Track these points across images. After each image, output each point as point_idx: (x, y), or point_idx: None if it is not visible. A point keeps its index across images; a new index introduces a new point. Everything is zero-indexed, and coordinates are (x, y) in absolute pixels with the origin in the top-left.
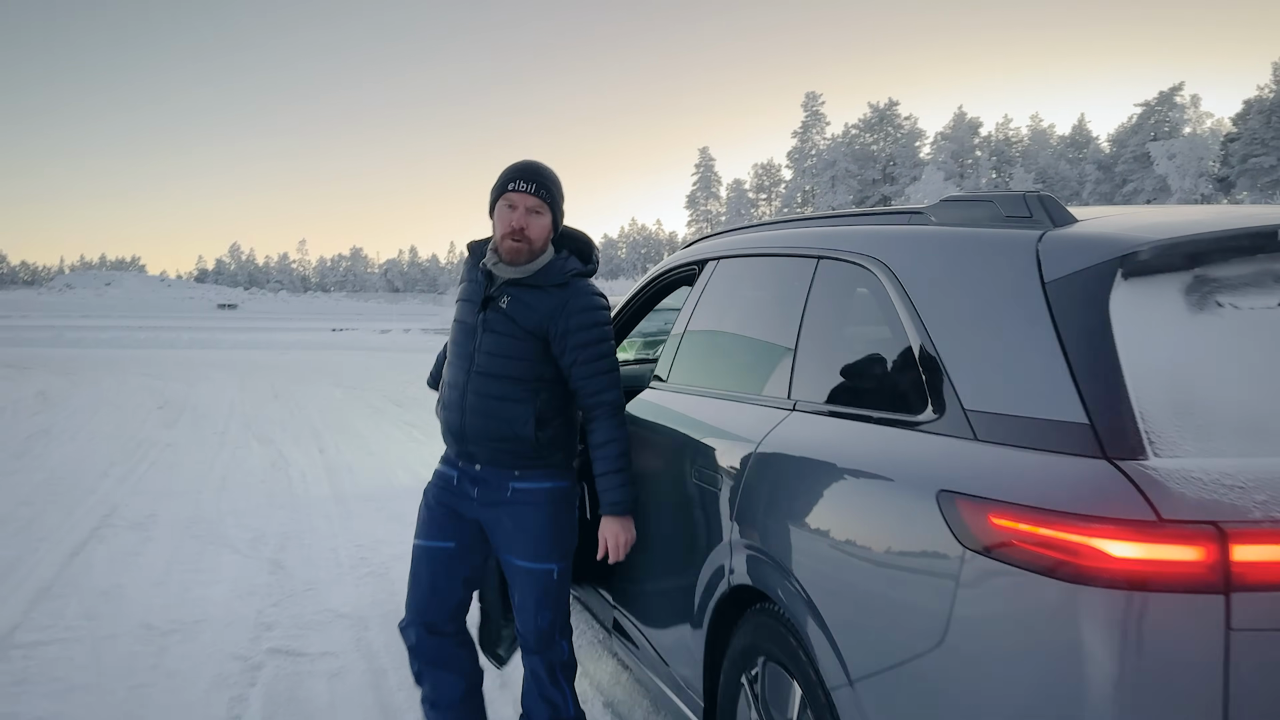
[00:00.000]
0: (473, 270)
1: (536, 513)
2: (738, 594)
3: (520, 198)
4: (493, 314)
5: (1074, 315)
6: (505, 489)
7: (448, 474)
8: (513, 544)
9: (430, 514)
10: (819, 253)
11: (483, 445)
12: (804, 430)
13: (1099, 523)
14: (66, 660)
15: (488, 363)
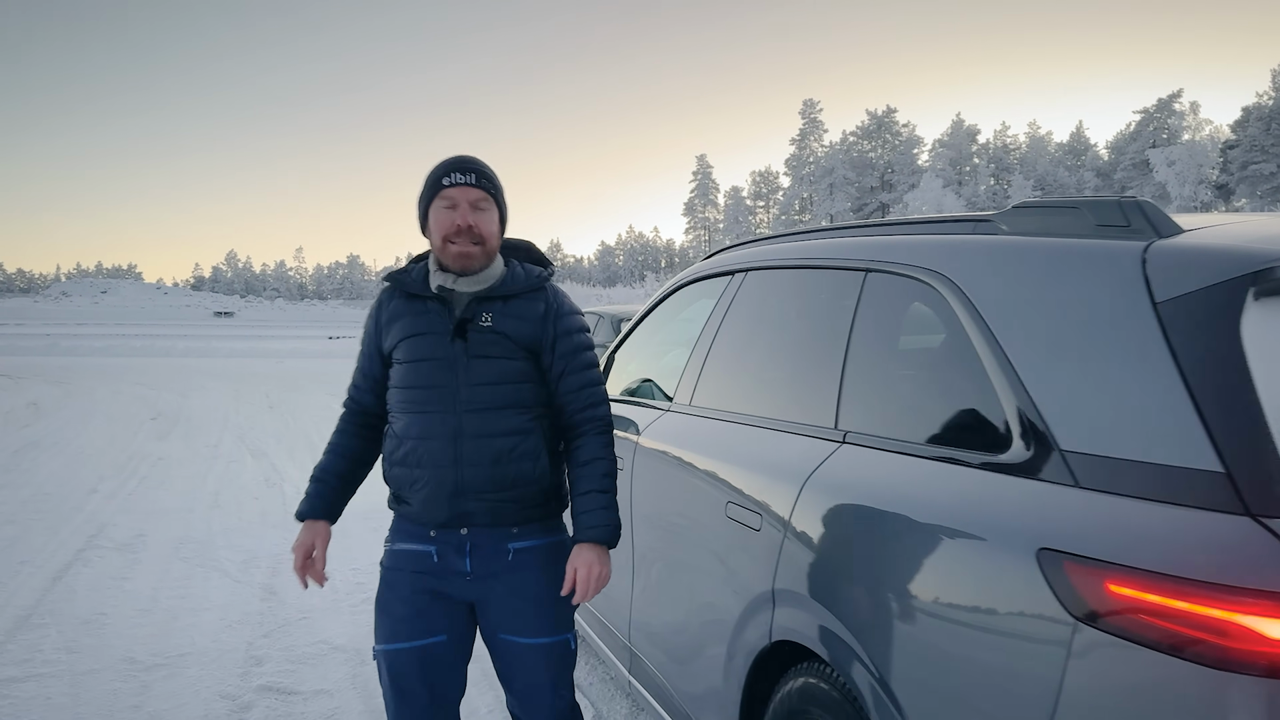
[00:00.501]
0: (408, 302)
1: (542, 575)
2: (780, 649)
3: (460, 192)
4: (476, 336)
5: (1196, 342)
6: (504, 553)
7: (422, 552)
8: (517, 619)
9: (408, 607)
10: (867, 265)
11: (484, 500)
12: (860, 466)
13: (1252, 596)
14: (43, 699)
15: (483, 395)
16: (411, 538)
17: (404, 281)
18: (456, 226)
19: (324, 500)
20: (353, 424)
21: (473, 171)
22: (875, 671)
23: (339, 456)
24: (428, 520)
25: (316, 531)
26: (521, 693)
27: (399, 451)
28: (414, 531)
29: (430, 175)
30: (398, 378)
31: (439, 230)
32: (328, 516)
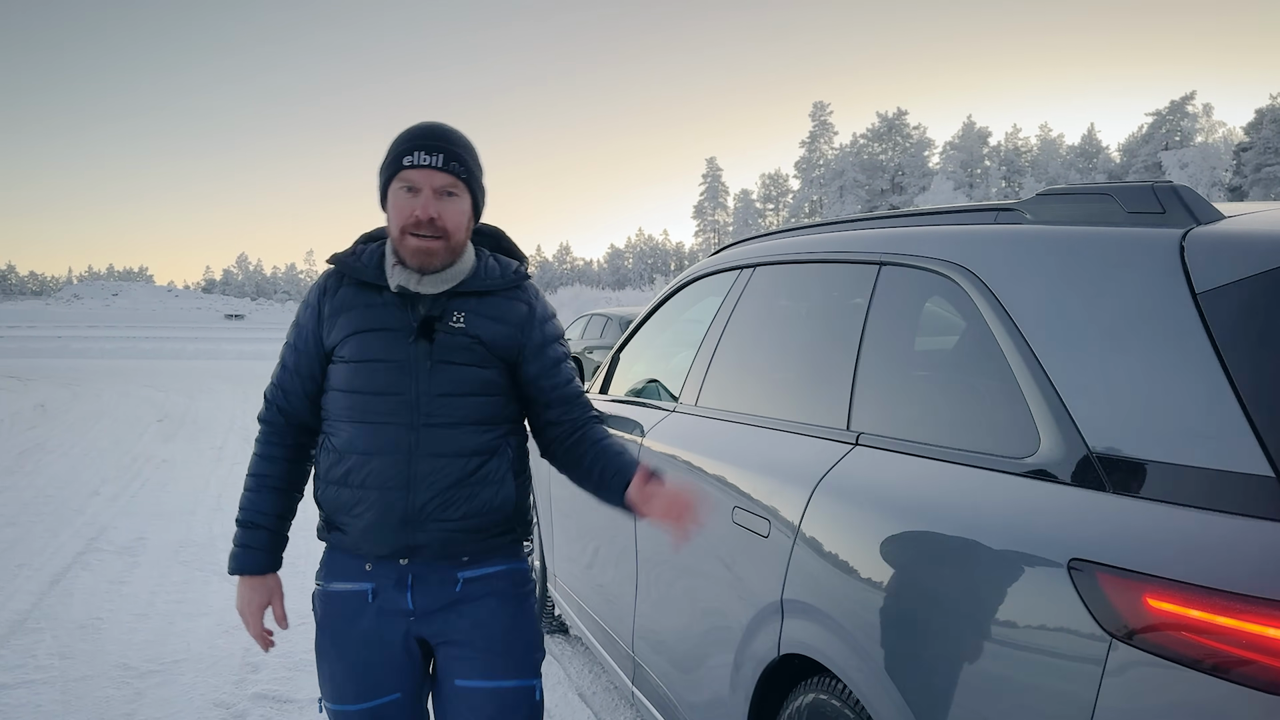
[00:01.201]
0: (359, 292)
1: (501, 607)
2: (789, 661)
3: (423, 175)
4: (445, 338)
5: (1242, 335)
6: (452, 583)
7: (357, 592)
8: (472, 660)
9: (352, 662)
10: (880, 258)
11: (436, 530)
12: (873, 469)
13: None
14: (33, 707)
15: (445, 407)
16: (345, 575)
17: (353, 267)
18: (415, 217)
19: (264, 550)
20: (280, 444)
21: (441, 151)
22: (891, 689)
23: (272, 491)
24: (365, 551)
25: (268, 587)
26: None
27: (338, 469)
28: (348, 566)
29: (392, 147)
30: (342, 379)
31: (396, 218)
32: (272, 567)
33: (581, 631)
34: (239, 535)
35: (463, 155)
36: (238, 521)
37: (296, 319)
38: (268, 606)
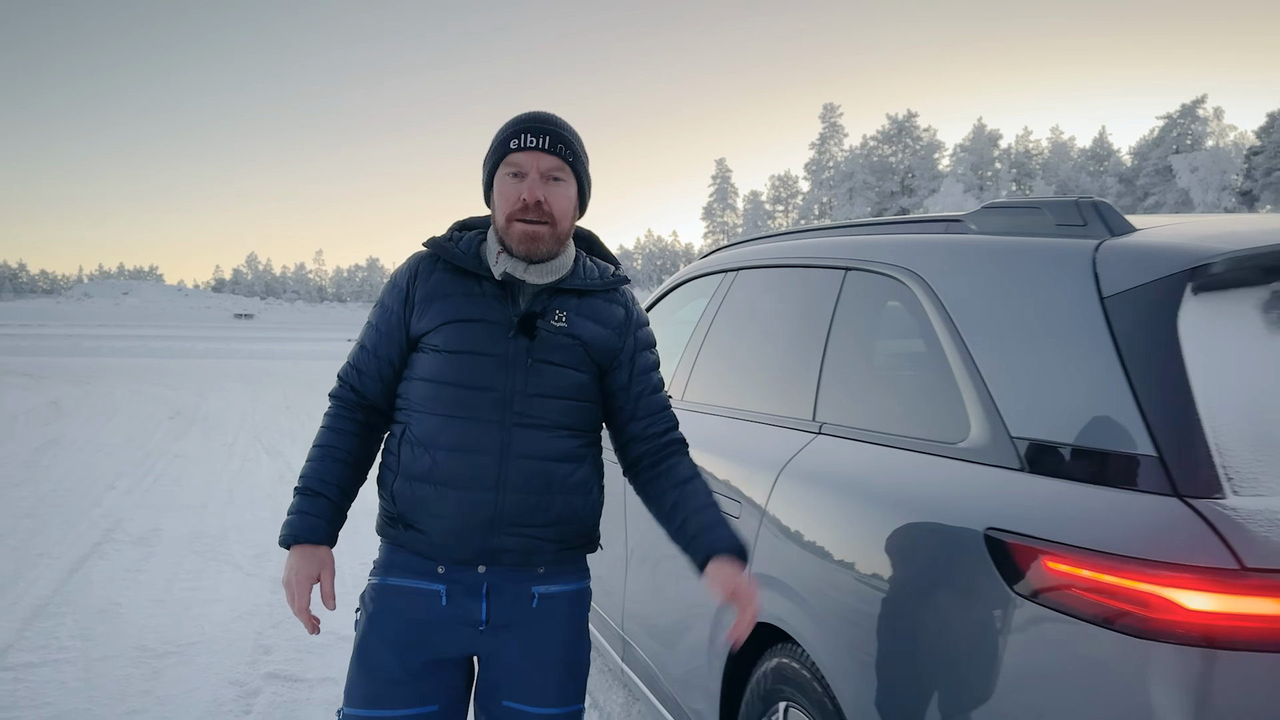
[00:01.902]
0: (457, 279)
1: (568, 630)
2: (757, 631)
3: (530, 158)
4: (546, 336)
5: (1137, 334)
6: (528, 598)
7: (428, 592)
8: (528, 682)
9: (400, 665)
10: (847, 264)
11: (522, 535)
12: (831, 455)
13: (1172, 570)
14: (57, 684)
15: (540, 409)
16: (413, 573)
17: (452, 253)
18: (523, 201)
19: (325, 519)
20: (351, 420)
21: (547, 134)
22: (840, 650)
23: (338, 462)
24: (441, 553)
25: (320, 560)
26: None
27: (420, 463)
28: (417, 565)
29: (499, 133)
30: (430, 369)
31: (503, 204)
32: (329, 540)
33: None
34: (297, 503)
35: (569, 139)
36: (297, 490)
37: (381, 300)
38: (316, 581)
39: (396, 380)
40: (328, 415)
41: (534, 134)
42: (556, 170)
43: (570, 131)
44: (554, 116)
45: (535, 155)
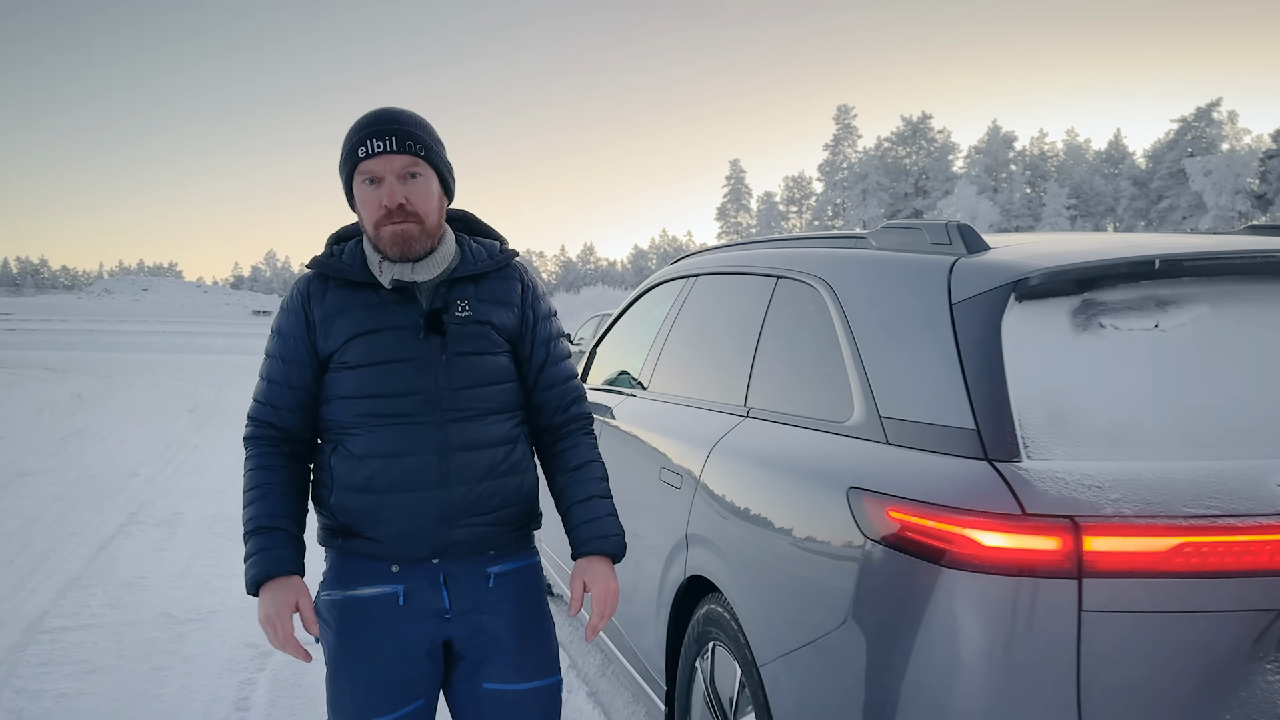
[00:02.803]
0: (353, 293)
1: (528, 606)
2: (692, 584)
3: (382, 162)
4: (456, 329)
5: (972, 333)
6: (484, 580)
7: (382, 596)
8: (505, 661)
9: (377, 671)
10: (779, 272)
11: (472, 525)
12: (753, 435)
13: (973, 515)
14: (90, 645)
15: (468, 400)
16: (369, 579)
17: (338, 268)
18: (384, 208)
19: (288, 549)
20: (278, 455)
21: (392, 134)
22: (747, 594)
23: (280, 496)
24: (394, 555)
25: (295, 588)
26: None
27: (358, 474)
28: (370, 570)
29: (346, 141)
30: (350, 386)
31: (367, 212)
32: (299, 569)
33: (557, 584)
34: (253, 544)
35: (417, 133)
36: (248, 533)
37: (277, 328)
38: (295, 611)
39: (314, 406)
40: (251, 458)
41: (379, 137)
42: (411, 167)
43: (417, 123)
44: (397, 112)
45: (387, 159)
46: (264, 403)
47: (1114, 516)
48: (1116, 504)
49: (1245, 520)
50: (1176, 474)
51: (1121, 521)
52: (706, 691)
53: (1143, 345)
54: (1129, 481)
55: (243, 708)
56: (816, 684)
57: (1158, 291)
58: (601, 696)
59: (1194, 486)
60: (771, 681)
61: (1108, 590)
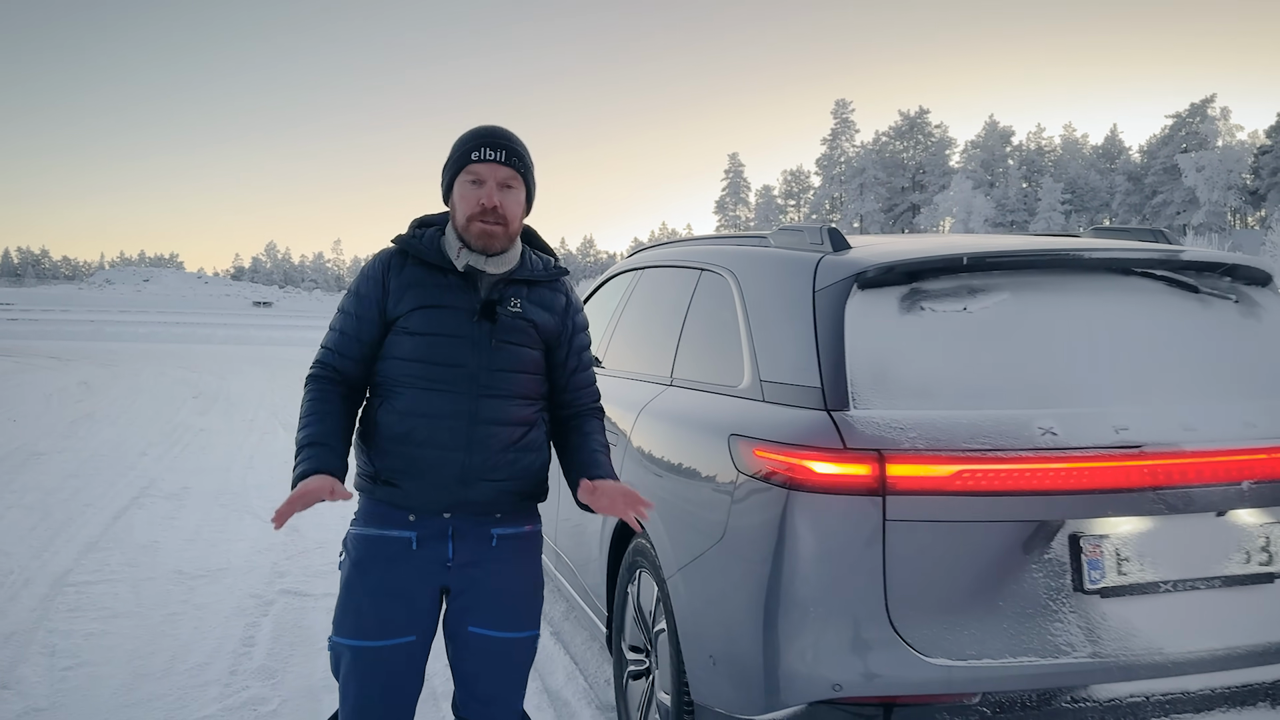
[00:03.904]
0: (426, 272)
1: (522, 565)
2: (624, 525)
3: (489, 169)
4: (505, 320)
5: (825, 314)
6: (488, 539)
7: (399, 539)
8: (491, 610)
9: (381, 601)
10: (702, 265)
11: (486, 488)
12: (672, 400)
13: (810, 450)
14: (112, 595)
15: (501, 381)
16: (388, 522)
17: (419, 249)
18: (482, 206)
19: (335, 458)
20: (335, 394)
21: (503, 149)
22: (657, 527)
23: (334, 424)
24: (415, 505)
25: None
26: (481, 692)
27: (400, 427)
28: (391, 516)
29: (459, 144)
30: (407, 349)
31: (464, 207)
32: (342, 471)
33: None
34: (304, 454)
35: (522, 154)
36: (300, 447)
37: (355, 290)
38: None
39: (372, 360)
40: (311, 391)
41: (493, 148)
42: (510, 180)
43: (522, 146)
44: (508, 132)
45: (493, 167)
46: (332, 349)
47: (910, 449)
48: (913, 440)
49: (1011, 453)
50: (962, 419)
51: (915, 453)
52: (635, 609)
53: (951, 323)
54: (925, 424)
55: (249, 644)
56: (703, 587)
57: (971, 282)
58: (564, 636)
59: (973, 428)
60: (674, 590)
61: (905, 504)
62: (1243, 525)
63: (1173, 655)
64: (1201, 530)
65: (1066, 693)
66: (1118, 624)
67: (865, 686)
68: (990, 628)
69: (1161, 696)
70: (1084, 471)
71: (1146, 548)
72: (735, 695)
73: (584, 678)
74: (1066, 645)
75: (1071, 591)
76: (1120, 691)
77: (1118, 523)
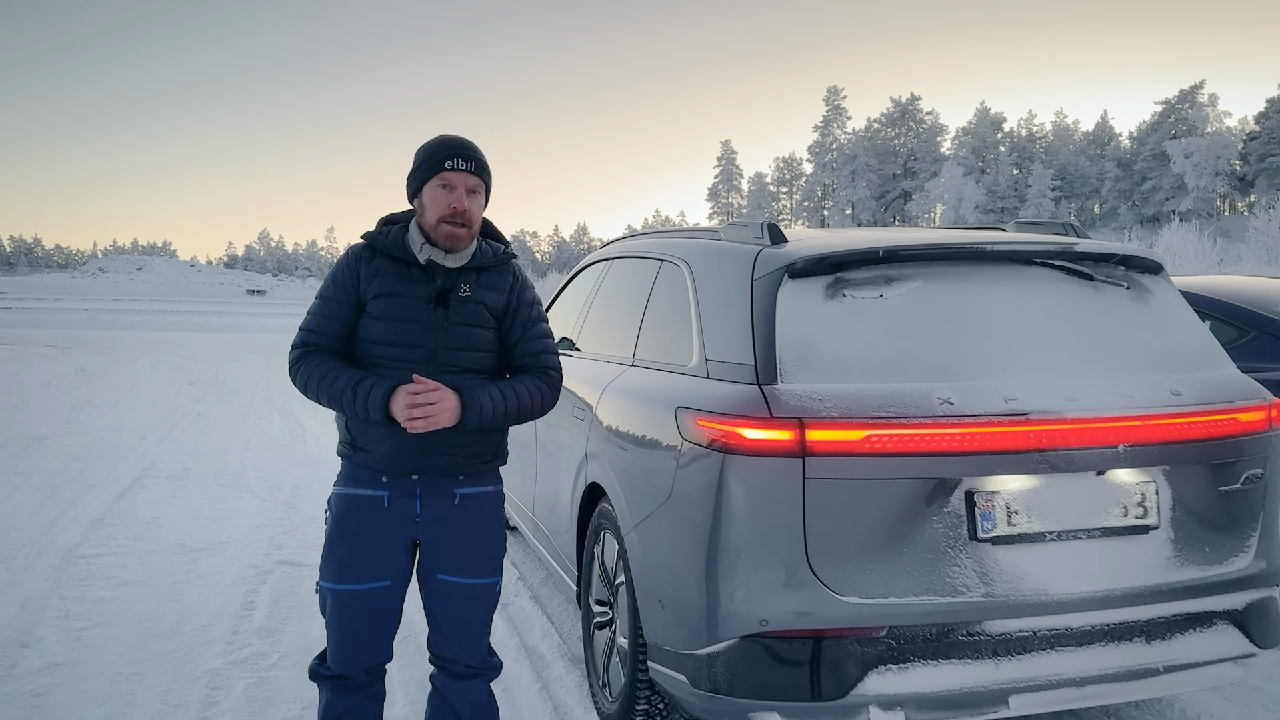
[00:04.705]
0: (391, 264)
1: (483, 521)
2: (591, 490)
3: (459, 177)
4: (456, 305)
5: (760, 301)
6: (451, 498)
7: (373, 497)
8: (455, 560)
9: (358, 550)
10: (662, 256)
11: (445, 453)
12: (632, 378)
13: (742, 419)
14: (119, 566)
15: (456, 358)
16: (363, 483)
17: (385, 245)
18: (452, 209)
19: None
20: (326, 351)
21: (473, 160)
22: (617, 490)
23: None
24: (385, 468)
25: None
26: (450, 631)
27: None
28: (366, 477)
29: (431, 151)
30: (374, 333)
31: (434, 209)
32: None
33: (514, 520)
34: (362, 385)
35: (486, 165)
36: (349, 384)
37: (333, 278)
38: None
39: (348, 341)
40: (310, 359)
41: (464, 159)
42: (476, 187)
43: (485, 159)
44: (474, 146)
45: (463, 175)
46: (312, 329)
47: (827, 417)
48: (829, 409)
49: (912, 420)
50: (872, 391)
51: (831, 420)
52: (600, 567)
53: (868, 308)
54: (840, 395)
55: (249, 608)
56: (654, 541)
57: (887, 272)
58: (542, 600)
59: (881, 399)
60: (630, 546)
61: (822, 464)
62: (1120, 483)
63: (1057, 596)
64: (1083, 487)
65: (962, 627)
66: (1008, 568)
67: (788, 621)
68: (896, 571)
69: (1047, 632)
70: (977, 435)
71: (1033, 502)
72: (680, 633)
73: (558, 635)
74: (962, 586)
75: (967, 540)
76: (1010, 627)
77: (1007, 480)
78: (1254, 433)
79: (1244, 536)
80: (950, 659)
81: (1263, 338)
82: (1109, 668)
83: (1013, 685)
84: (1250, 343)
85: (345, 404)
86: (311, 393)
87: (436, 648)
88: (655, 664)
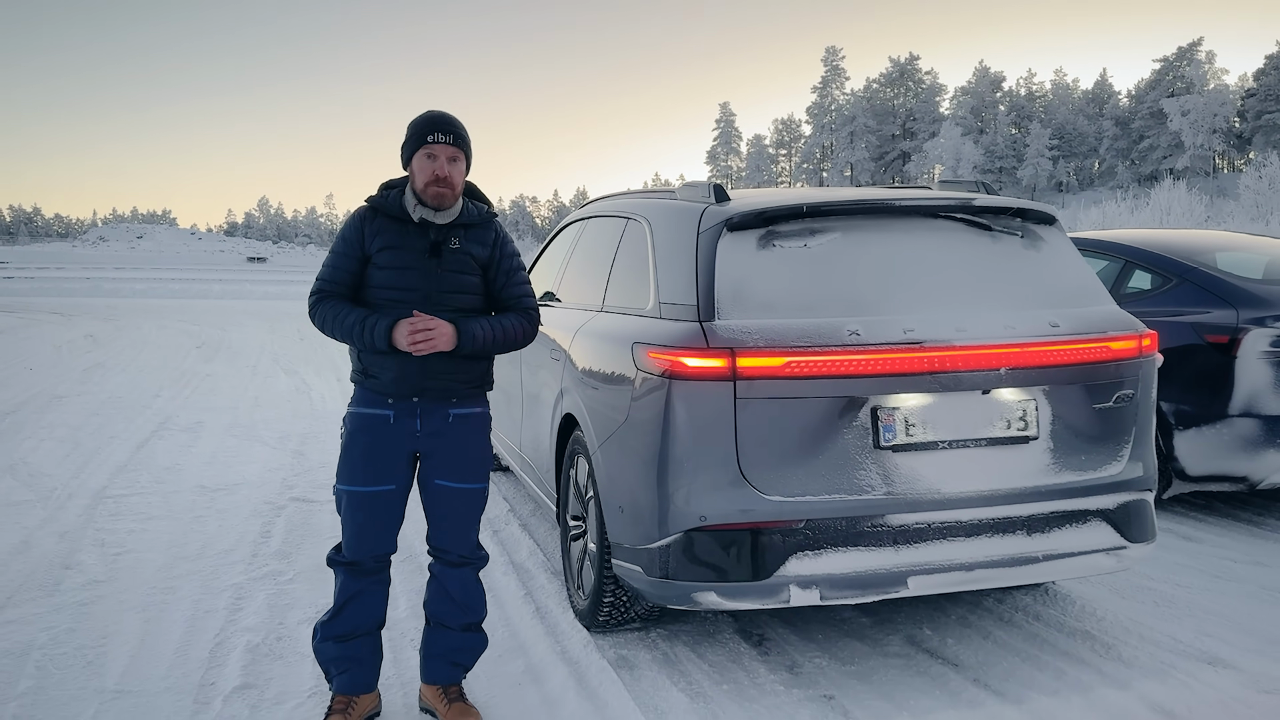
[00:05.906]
0: (391, 223)
1: (473, 436)
2: (566, 420)
3: (441, 148)
4: (448, 255)
5: (703, 251)
6: (446, 417)
7: (380, 415)
8: (450, 468)
9: (368, 459)
10: (628, 215)
11: (439, 380)
12: (599, 322)
13: (685, 350)
14: (145, 504)
15: (448, 299)
16: (372, 404)
17: (386, 206)
18: (436, 175)
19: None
20: (340, 298)
21: (452, 133)
22: (585, 417)
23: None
24: (391, 391)
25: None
26: (445, 526)
27: None
28: (375, 399)
29: (417, 127)
30: (380, 280)
31: (421, 174)
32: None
33: (505, 459)
34: (369, 320)
35: (465, 136)
36: (360, 320)
37: (342, 235)
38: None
39: (356, 289)
40: (326, 304)
41: (443, 132)
42: (456, 156)
43: (464, 130)
44: (455, 118)
45: (444, 146)
46: (326, 279)
47: (754, 347)
48: (756, 340)
49: (825, 348)
50: (793, 325)
51: (757, 349)
52: (575, 486)
53: (793, 256)
54: (766, 329)
55: (266, 536)
56: (615, 456)
57: (811, 225)
58: (529, 527)
59: (800, 331)
60: (596, 464)
61: (750, 387)
62: (1003, 401)
63: (948, 495)
64: (970, 404)
65: (867, 520)
66: (906, 471)
67: (723, 517)
68: (812, 474)
69: (940, 524)
70: (879, 360)
71: (928, 416)
72: (636, 531)
73: (542, 554)
74: (868, 487)
75: (872, 448)
76: (908, 520)
77: (906, 398)
78: (1125, 359)
79: (1117, 448)
80: (857, 546)
81: (1184, 285)
82: (994, 555)
83: (910, 569)
84: (1173, 289)
85: (355, 336)
86: (328, 329)
87: (434, 541)
88: (617, 560)
